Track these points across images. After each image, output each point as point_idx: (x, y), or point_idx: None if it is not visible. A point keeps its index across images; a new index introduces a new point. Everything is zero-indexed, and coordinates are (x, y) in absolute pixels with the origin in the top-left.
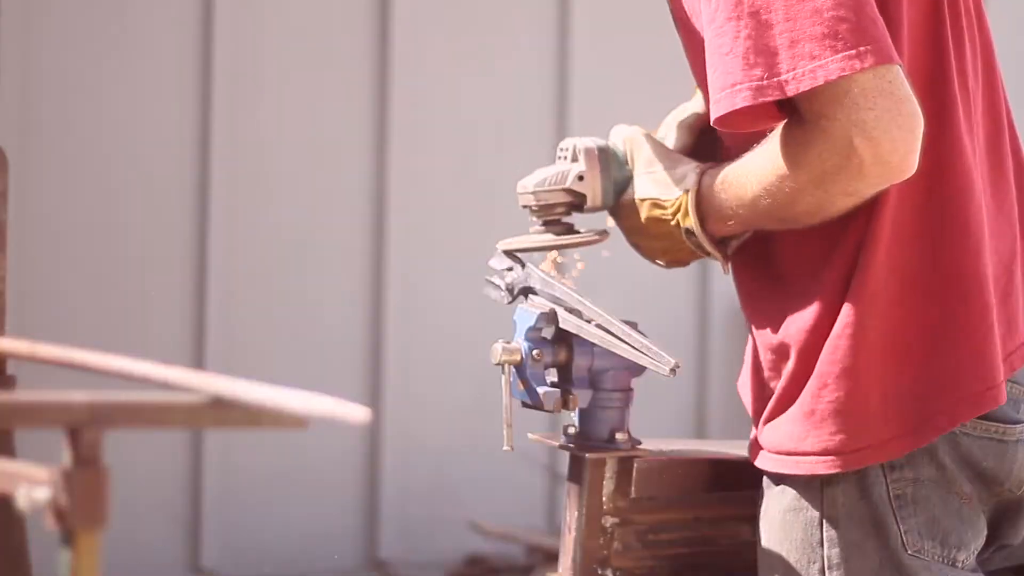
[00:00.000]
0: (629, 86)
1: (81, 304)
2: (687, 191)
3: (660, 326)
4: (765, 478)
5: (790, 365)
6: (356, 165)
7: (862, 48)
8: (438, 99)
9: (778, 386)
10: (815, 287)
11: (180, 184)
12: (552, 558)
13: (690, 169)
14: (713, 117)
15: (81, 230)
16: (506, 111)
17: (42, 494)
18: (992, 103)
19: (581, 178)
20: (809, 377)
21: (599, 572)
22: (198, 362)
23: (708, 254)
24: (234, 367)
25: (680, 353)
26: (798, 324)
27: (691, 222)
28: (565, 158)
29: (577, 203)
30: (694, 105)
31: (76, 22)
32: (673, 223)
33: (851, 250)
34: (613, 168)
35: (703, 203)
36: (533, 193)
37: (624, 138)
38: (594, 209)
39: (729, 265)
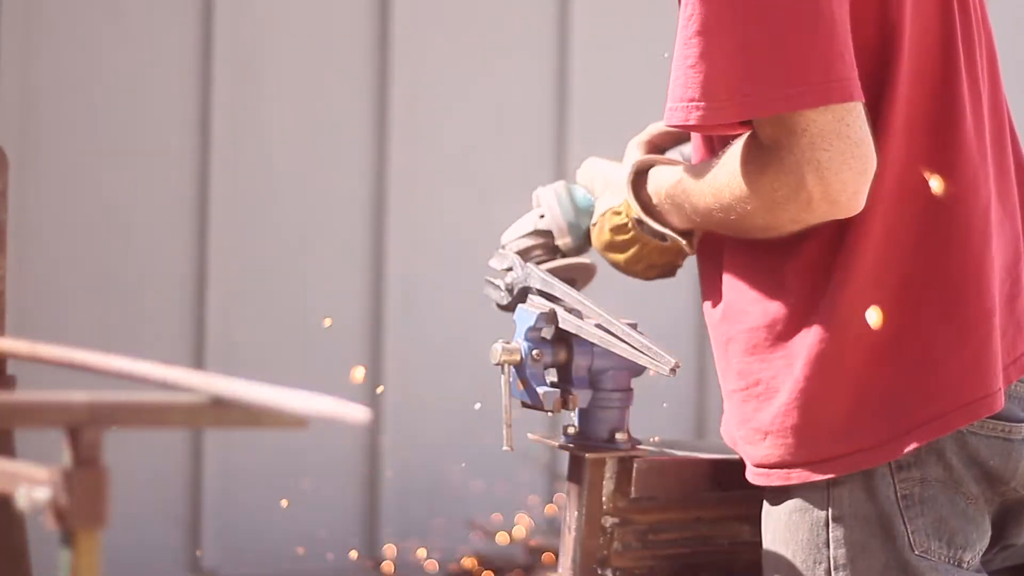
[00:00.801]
0: (629, 85)
1: (81, 304)
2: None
3: (660, 326)
4: None
5: (762, 370)
6: (356, 165)
7: (823, 85)
8: (438, 98)
9: (740, 389)
10: (784, 292)
11: (180, 184)
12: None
13: (628, 166)
14: (667, 123)
15: (81, 230)
16: (506, 111)
17: (42, 494)
18: (996, 103)
19: (542, 216)
20: (785, 386)
21: (599, 572)
22: (198, 362)
23: (666, 240)
24: (234, 367)
25: (680, 353)
26: (766, 325)
27: (635, 211)
28: (534, 207)
29: (550, 243)
30: (653, 127)
31: (76, 22)
32: (630, 224)
33: (821, 252)
34: (573, 200)
35: (650, 199)
36: (508, 244)
37: (581, 172)
38: (568, 245)
39: (695, 248)
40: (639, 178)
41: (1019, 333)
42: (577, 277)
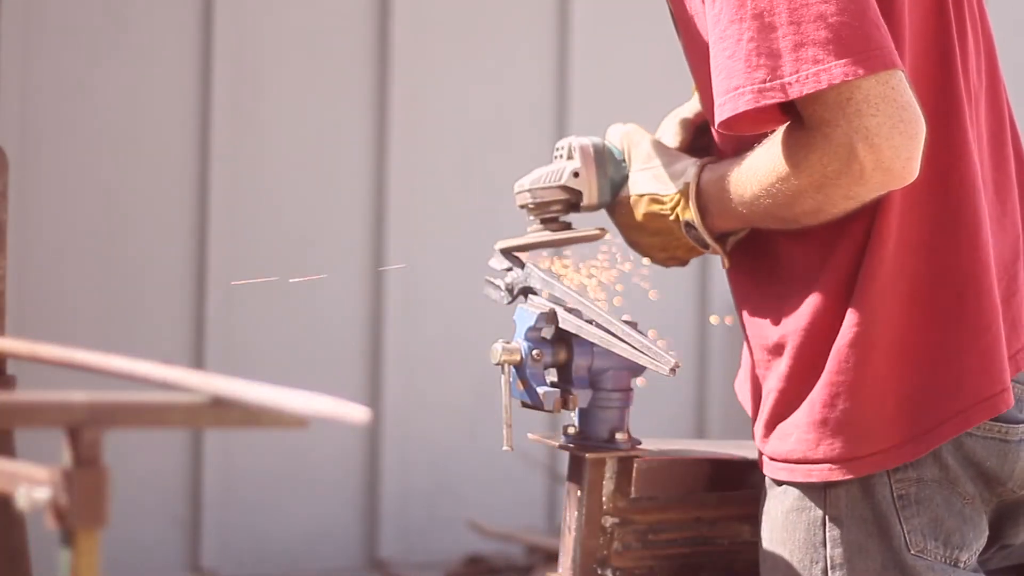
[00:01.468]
0: (629, 85)
1: (81, 304)
2: (687, 184)
3: (660, 326)
4: (767, 478)
5: (790, 369)
6: (356, 165)
7: (865, 54)
8: (438, 99)
9: (776, 389)
10: (817, 289)
11: (180, 184)
12: (552, 558)
13: (689, 163)
14: (717, 120)
15: (81, 230)
16: (506, 110)
17: (42, 494)
18: (995, 102)
19: (576, 175)
20: (814, 382)
21: (599, 572)
22: (198, 362)
23: (707, 248)
24: (234, 367)
25: (680, 353)
26: (798, 326)
27: (691, 215)
28: (561, 156)
29: (573, 201)
30: (692, 105)
31: (76, 22)
32: (672, 218)
33: (853, 253)
34: (609, 165)
35: (703, 197)
36: (529, 191)
37: (621, 135)
38: (590, 207)
39: (727, 260)
40: (699, 185)
41: (1014, 331)
42: (581, 242)
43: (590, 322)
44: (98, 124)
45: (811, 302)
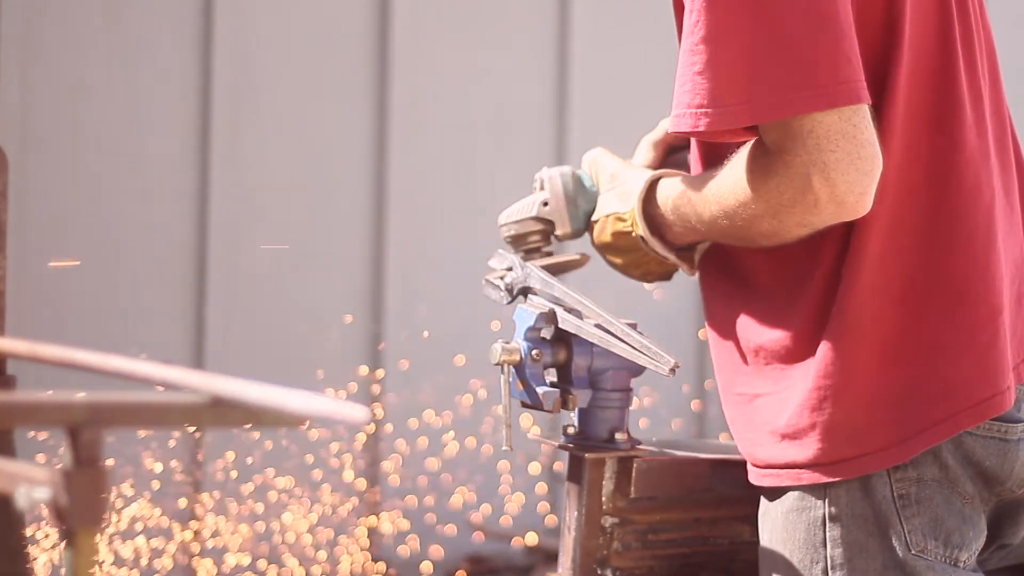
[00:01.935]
0: (629, 85)
1: (81, 304)
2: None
3: (660, 326)
4: None
5: (777, 373)
6: (356, 165)
7: (831, 87)
8: (438, 98)
9: (764, 394)
10: (800, 292)
11: (180, 183)
12: (552, 558)
13: (642, 178)
14: (672, 130)
15: (81, 230)
16: (506, 110)
17: (42, 494)
18: (996, 102)
19: (546, 204)
20: (801, 387)
21: (599, 572)
22: (198, 362)
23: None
24: (234, 367)
25: (680, 353)
26: (779, 335)
27: (640, 230)
28: (536, 188)
29: (549, 231)
30: (663, 126)
31: (76, 23)
32: (633, 235)
33: (830, 261)
34: (578, 192)
35: (657, 212)
36: (505, 225)
37: (589, 161)
38: (566, 236)
39: (696, 269)
40: (649, 194)
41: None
42: (569, 269)
43: (590, 322)
44: (98, 124)
45: (795, 306)
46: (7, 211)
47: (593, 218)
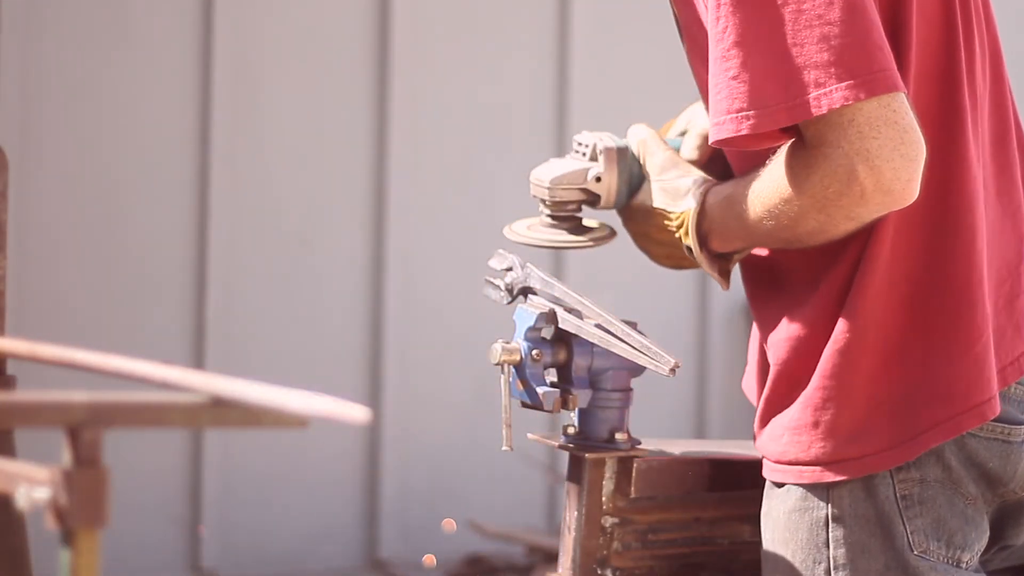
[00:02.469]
0: (629, 85)
1: (81, 304)
2: (689, 210)
3: (660, 326)
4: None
5: (784, 371)
6: (356, 164)
7: (868, 76)
8: (438, 98)
9: (772, 391)
10: (814, 294)
11: (180, 183)
12: (552, 558)
13: (694, 186)
14: (714, 138)
15: (81, 230)
16: (506, 110)
17: (42, 494)
18: (999, 104)
19: (599, 179)
20: (807, 386)
21: (599, 572)
22: (198, 362)
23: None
24: (234, 367)
25: (680, 353)
26: (795, 330)
27: (691, 242)
28: (584, 155)
29: (590, 201)
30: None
31: (76, 22)
32: (677, 235)
33: (851, 259)
34: (632, 171)
35: (705, 222)
36: (548, 188)
37: (638, 141)
38: (606, 208)
39: (729, 285)
40: (702, 208)
41: (1018, 334)
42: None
43: (590, 322)
44: (98, 124)
45: (812, 310)
46: (7, 211)
47: (635, 201)
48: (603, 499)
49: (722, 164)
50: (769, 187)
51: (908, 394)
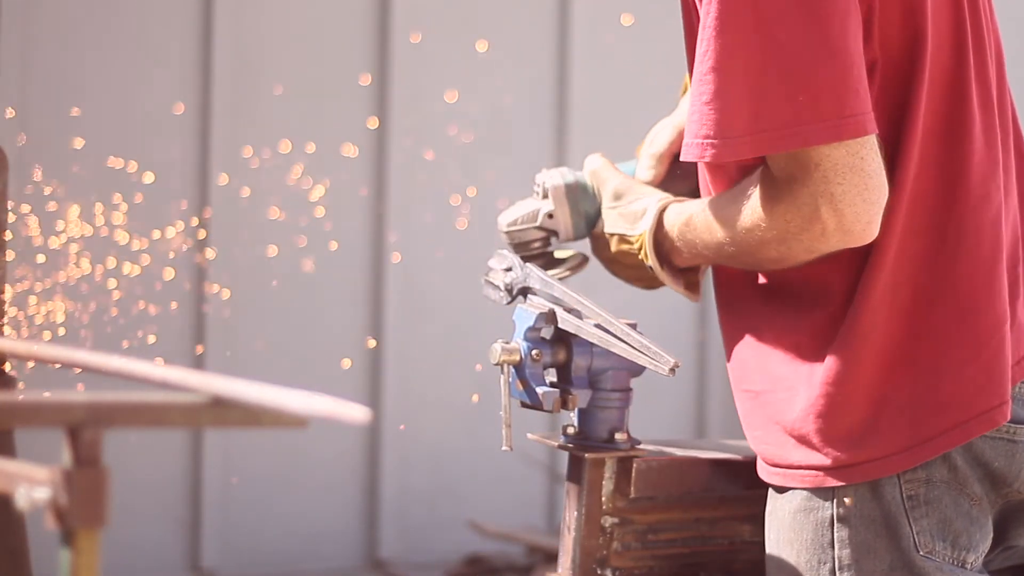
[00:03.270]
0: (629, 85)
1: (82, 304)
2: (645, 231)
3: (660, 326)
4: None
5: (788, 377)
6: (356, 164)
7: (837, 121)
8: (438, 98)
9: (775, 397)
10: (816, 299)
11: (180, 183)
12: (552, 558)
13: (651, 204)
14: (683, 158)
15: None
16: (506, 110)
17: (42, 494)
18: (1003, 105)
19: (550, 216)
20: (808, 392)
21: (598, 572)
22: (198, 362)
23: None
24: (234, 367)
25: (680, 353)
26: (796, 336)
27: (650, 261)
28: (537, 194)
29: (551, 236)
30: (674, 119)
31: (76, 21)
32: (640, 256)
33: (855, 265)
34: (582, 203)
35: (665, 240)
36: (506, 232)
37: (590, 173)
38: (568, 241)
39: (700, 297)
40: (658, 224)
41: (1021, 335)
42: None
43: (589, 322)
44: (98, 123)
45: (807, 311)
46: (7, 211)
47: (596, 230)
48: (603, 499)
49: (681, 181)
50: (733, 214)
51: (914, 400)
